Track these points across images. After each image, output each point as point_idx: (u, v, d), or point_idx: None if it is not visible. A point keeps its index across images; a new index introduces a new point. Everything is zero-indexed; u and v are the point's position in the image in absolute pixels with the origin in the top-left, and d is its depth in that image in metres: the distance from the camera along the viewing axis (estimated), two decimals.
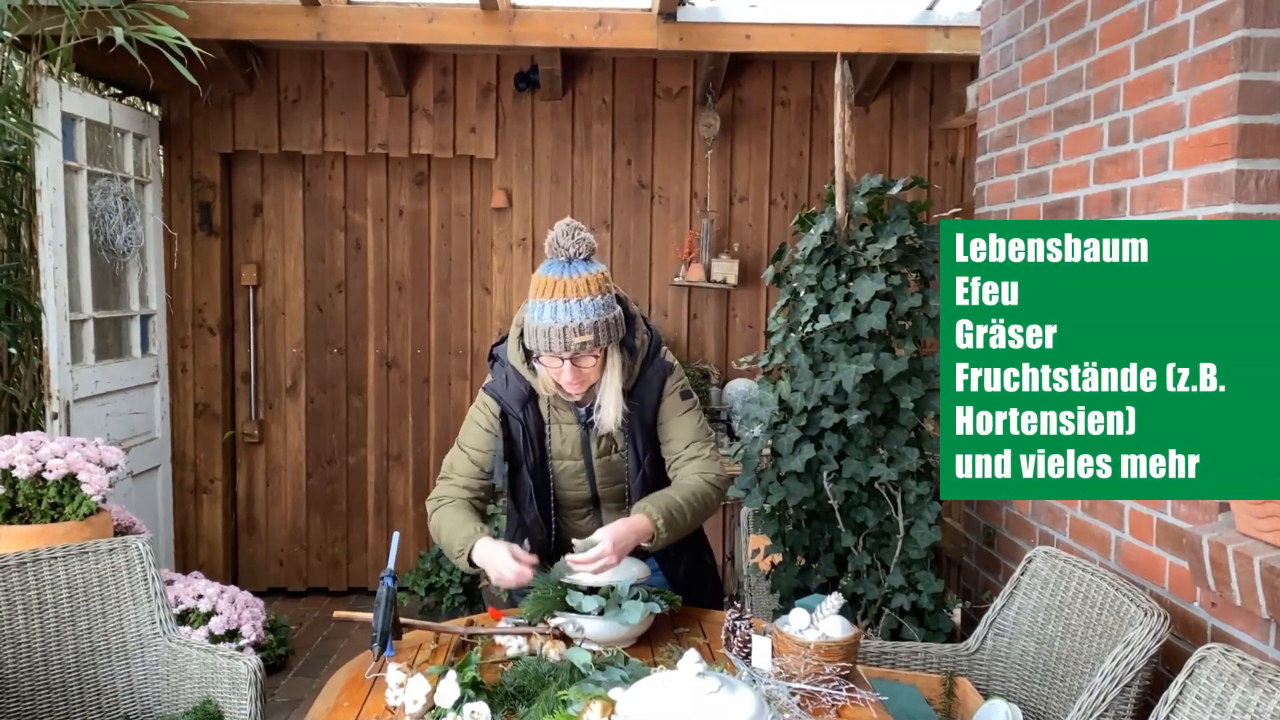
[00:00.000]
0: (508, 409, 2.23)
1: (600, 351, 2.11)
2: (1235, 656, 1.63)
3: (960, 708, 2.26)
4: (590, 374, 2.14)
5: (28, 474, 2.91)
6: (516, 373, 2.22)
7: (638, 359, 2.21)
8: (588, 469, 2.28)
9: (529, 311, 2.09)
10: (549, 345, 2.05)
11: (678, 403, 2.28)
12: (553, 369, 2.12)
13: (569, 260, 2.07)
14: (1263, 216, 1.91)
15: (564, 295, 2.04)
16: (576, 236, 2.08)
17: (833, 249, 2.89)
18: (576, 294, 2.04)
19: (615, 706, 1.58)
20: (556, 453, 2.27)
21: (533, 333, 2.08)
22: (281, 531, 5.07)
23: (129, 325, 4.42)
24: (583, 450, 2.26)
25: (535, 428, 2.24)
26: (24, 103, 3.67)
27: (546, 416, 2.25)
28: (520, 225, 4.89)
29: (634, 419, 2.22)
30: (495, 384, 2.26)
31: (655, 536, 2.12)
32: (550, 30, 4.19)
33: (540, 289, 2.07)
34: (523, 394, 2.22)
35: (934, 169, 4.91)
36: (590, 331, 2.04)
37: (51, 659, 2.34)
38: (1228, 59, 1.93)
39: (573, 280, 2.05)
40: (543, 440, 2.25)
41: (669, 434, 2.28)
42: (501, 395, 2.24)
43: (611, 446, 2.27)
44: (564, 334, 2.03)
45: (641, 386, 2.23)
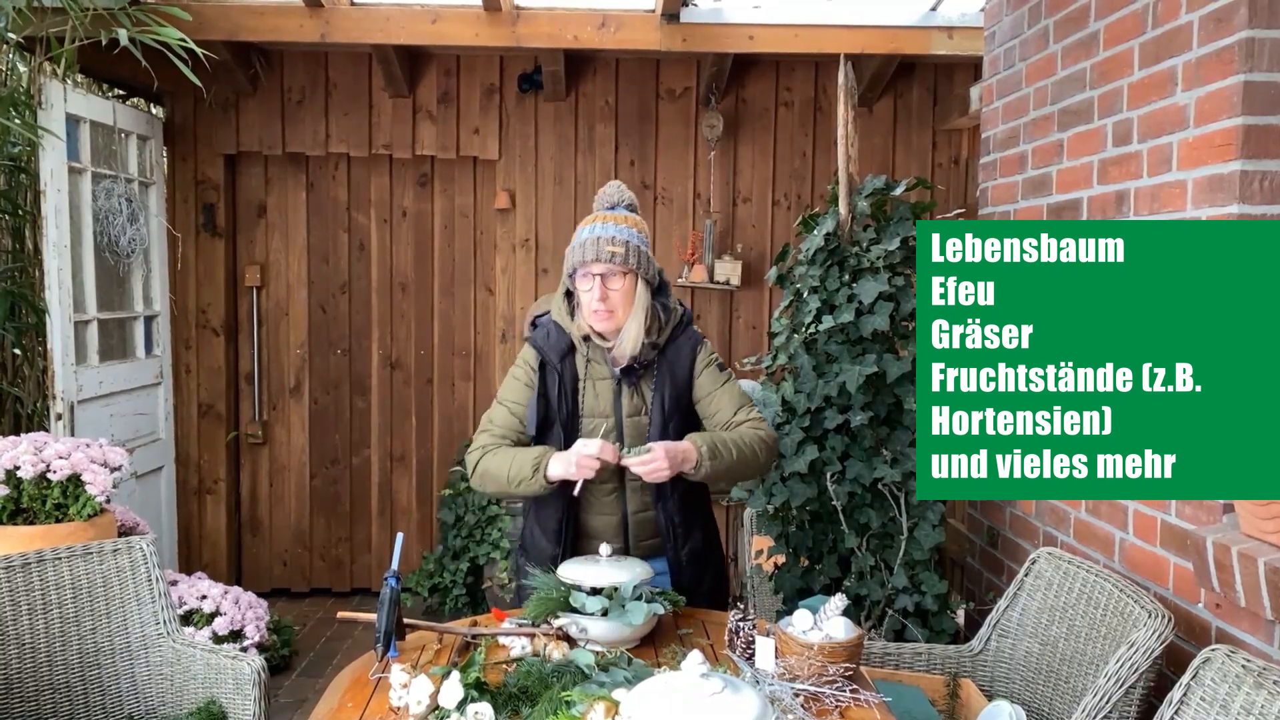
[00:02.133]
0: (547, 359, 2.36)
1: (629, 274, 2.27)
2: (1240, 658, 1.63)
3: (964, 709, 2.26)
4: (618, 300, 2.28)
5: (32, 474, 2.92)
6: (558, 327, 2.37)
7: (670, 319, 2.36)
8: (618, 428, 2.35)
9: (573, 239, 2.32)
10: (583, 255, 2.25)
11: (716, 375, 2.40)
12: (585, 290, 2.28)
13: (612, 206, 2.36)
14: (1266, 217, 1.91)
15: (604, 220, 2.31)
16: (622, 190, 2.39)
17: (836, 250, 2.89)
18: (615, 220, 2.30)
19: (619, 707, 1.58)
20: (589, 409, 2.36)
21: (572, 249, 2.30)
22: (285, 532, 5.08)
23: (133, 326, 4.43)
24: (614, 407, 2.35)
25: (570, 381, 2.36)
26: (28, 104, 3.67)
27: (582, 371, 2.37)
28: (523, 226, 4.90)
29: (663, 378, 2.34)
30: (537, 335, 2.41)
31: (699, 464, 2.23)
32: (553, 31, 4.20)
33: (584, 221, 2.34)
34: (562, 347, 2.36)
35: (937, 170, 4.91)
36: (623, 245, 2.25)
37: (56, 659, 2.34)
38: (1232, 60, 1.93)
39: (614, 215, 2.33)
40: (576, 394, 2.36)
41: (714, 407, 2.38)
42: (542, 345, 2.38)
43: (642, 406, 2.36)
44: (598, 243, 2.25)
45: (672, 348, 2.37)
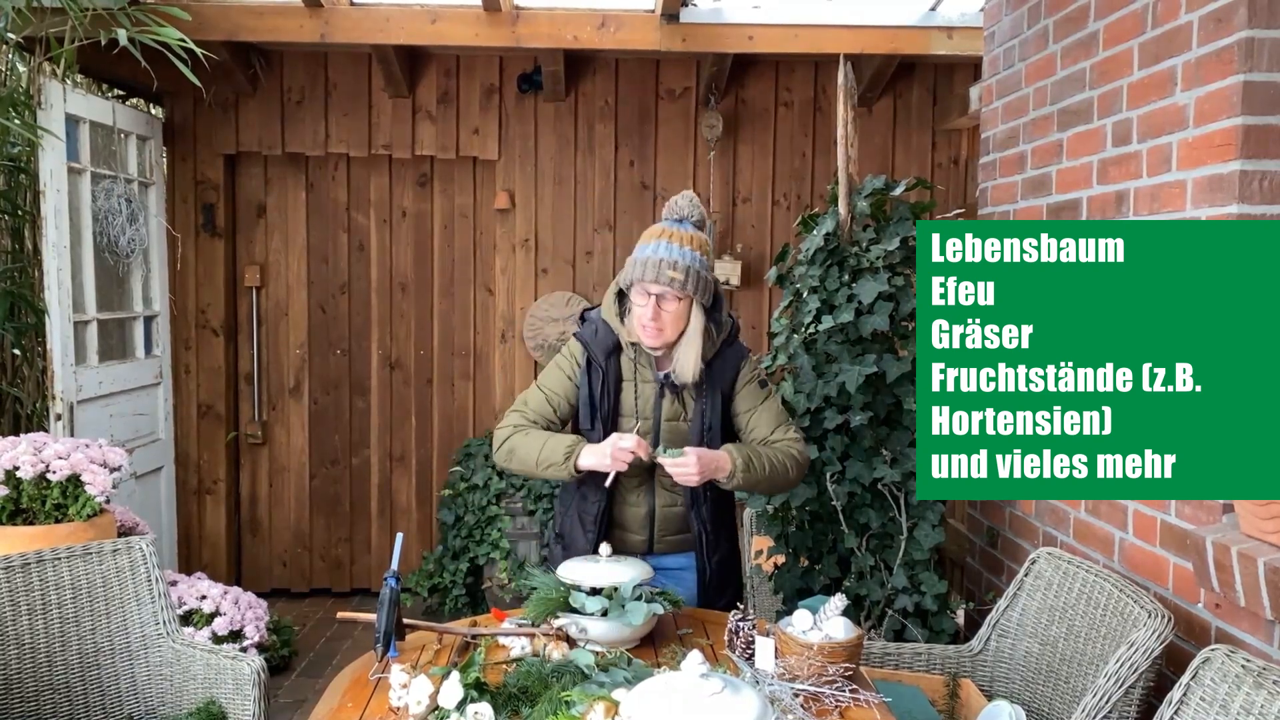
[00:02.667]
0: (593, 356, 2.38)
1: (685, 299, 2.27)
2: (1239, 658, 1.63)
3: (964, 709, 2.26)
4: (669, 323, 2.28)
5: (31, 475, 2.91)
6: (607, 326, 2.38)
7: (720, 334, 2.37)
8: (655, 430, 2.37)
9: (636, 250, 2.30)
10: (643, 274, 2.24)
11: (756, 391, 2.41)
12: (639, 305, 2.28)
13: (681, 219, 2.33)
14: (1266, 217, 1.91)
15: (669, 239, 2.27)
16: (694, 204, 2.34)
17: (836, 250, 2.89)
18: (680, 242, 2.27)
19: (618, 707, 1.58)
20: (629, 409, 2.38)
21: (633, 264, 2.28)
22: (285, 532, 5.08)
23: (132, 326, 4.43)
24: (654, 409, 2.37)
25: (614, 380, 2.37)
26: (28, 104, 3.67)
27: (628, 373, 2.38)
28: (523, 226, 4.89)
29: (708, 390, 2.35)
30: (585, 331, 2.42)
31: (733, 474, 2.26)
32: (553, 31, 4.20)
33: (650, 234, 2.32)
34: (609, 345, 2.38)
35: (937, 170, 4.91)
36: (683, 272, 2.23)
37: (55, 660, 2.34)
38: (1231, 60, 1.93)
39: (680, 231, 2.29)
40: (619, 394, 2.38)
41: (753, 423, 2.39)
42: (590, 341, 2.39)
43: (681, 412, 2.37)
44: (660, 266, 2.23)
45: (719, 362, 2.38)
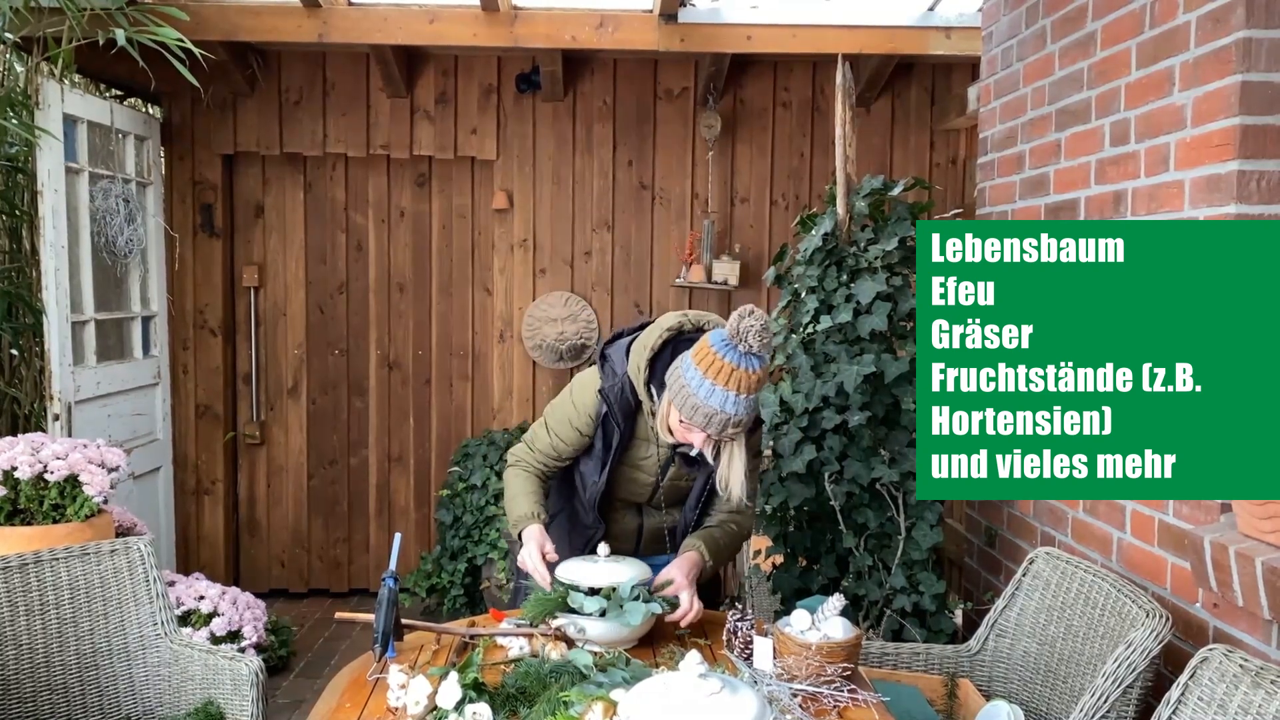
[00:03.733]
0: (612, 416, 2.28)
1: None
2: (1237, 658, 1.63)
3: (962, 709, 2.26)
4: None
5: (29, 475, 2.91)
6: (632, 387, 2.24)
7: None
8: (656, 485, 2.37)
9: (691, 380, 2.03)
10: (705, 425, 2.04)
11: (752, 460, 2.30)
12: (691, 432, 2.10)
13: (747, 352, 2.01)
14: (1264, 217, 1.91)
15: (737, 389, 2.01)
16: (765, 338, 2.01)
17: (834, 250, 2.89)
18: (747, 390, 2.02)
19: (617, 708, 1.58)
20: (635, 464, 2.34)
21: (692, 408, 2.04)
22: (283, 533, 5.07)
23: (130, 326, 4.42)
24: (660, 470, 2.35)
25: (626, 438, 2.30)
26: (25, 104, 3.67)
27: (642, 433, 2.31)
28: (521, 226, 4.89)
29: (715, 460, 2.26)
30: (609, 390, 2.27)
31: (703, 570, 2.27)
32: (551, 31, 4.20)
33: (714, 368, 2.02)
34: (630, 408, 2.27)
35: (935, 170, 4.91)
36: (740, 425, 2.06)
37: (53, 660, 2.34)
38: (1229, 60, 1.93)
39: (748, 375, 2.01)
40: (628, 449, 2.33)
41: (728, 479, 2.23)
42: (613, 402, 2.26)
43: (684, 475, 2.35)
44: (724, 425, 2.03)
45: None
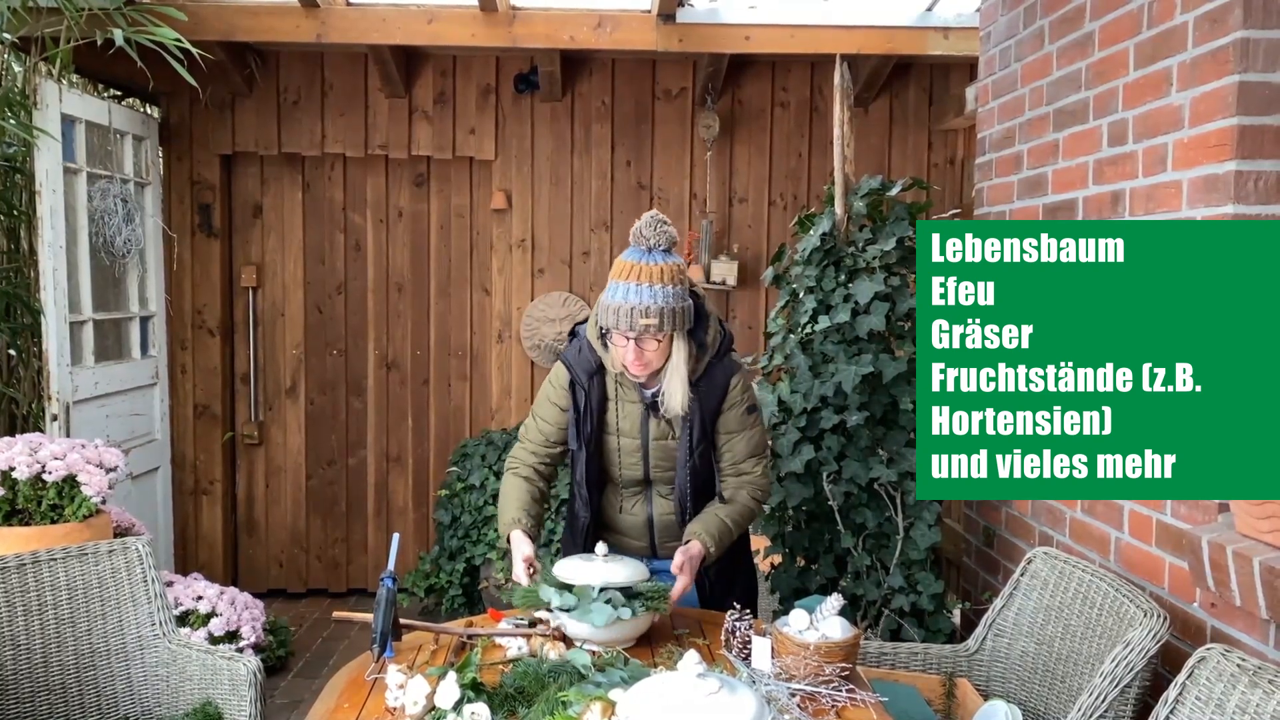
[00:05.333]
0: (576, 377, 2.35)
1: (665, 337, 2.22)
2: (1235, 657, 1.63)
3: (960, 708, 2.26)
4: (653, 358, 2.24)
5: (27, 475, 2.91)
6: (590, 346, 2.34)
7: (706, 353, 2.31)
8: (643, 449, 2.36)
9: (606, 290, 2.23)
10: (617, 323, 2.18)
11: (743, 417, 2.36)
12: (620, 346, 2.23)
13: (649, 249, 2.20)
14: (1261, 217, 1.91)
15: (638, 279, 2.17)
16: (659, 229, 2.21)
17: (832, 250, 2.89)
18: (650, 279, 2.17)
19: (615, 707, 1.58)
20: (616, 428, 2.37)
21: (605, 309, 2.21)
22: (281, 533, 5.07)
23: (129, 327, 4.42)
24: (641, 429, 2.36)
25: (598, 400, 2.35)
26: (24, 104, 3.67)
27: (611, 392, 2.35)
28: (520, 227, 4.89)
29: (694, 409, 2.31)
30: (569, 353, 2.39)
31: (708, 558, 2.29)
32: (550, 32, 4.20)
33: (619, 271, 2.21)
34: (591, 366, 2.34)
35: (933, 170, 4.91)
36: (656, 316, 2.16)
37: (51, 660, 2.33)
38: (1227, 60, 1.94)
39: (649, 266, 2.18)
40: (603, 414, 2.36)
41: (729, 446, 2.37)
42: (573, 363, 2.36)
43: (669, 431, 2.35)
44: (631, 314, 2.15)
45: (706, 381, 2.32)
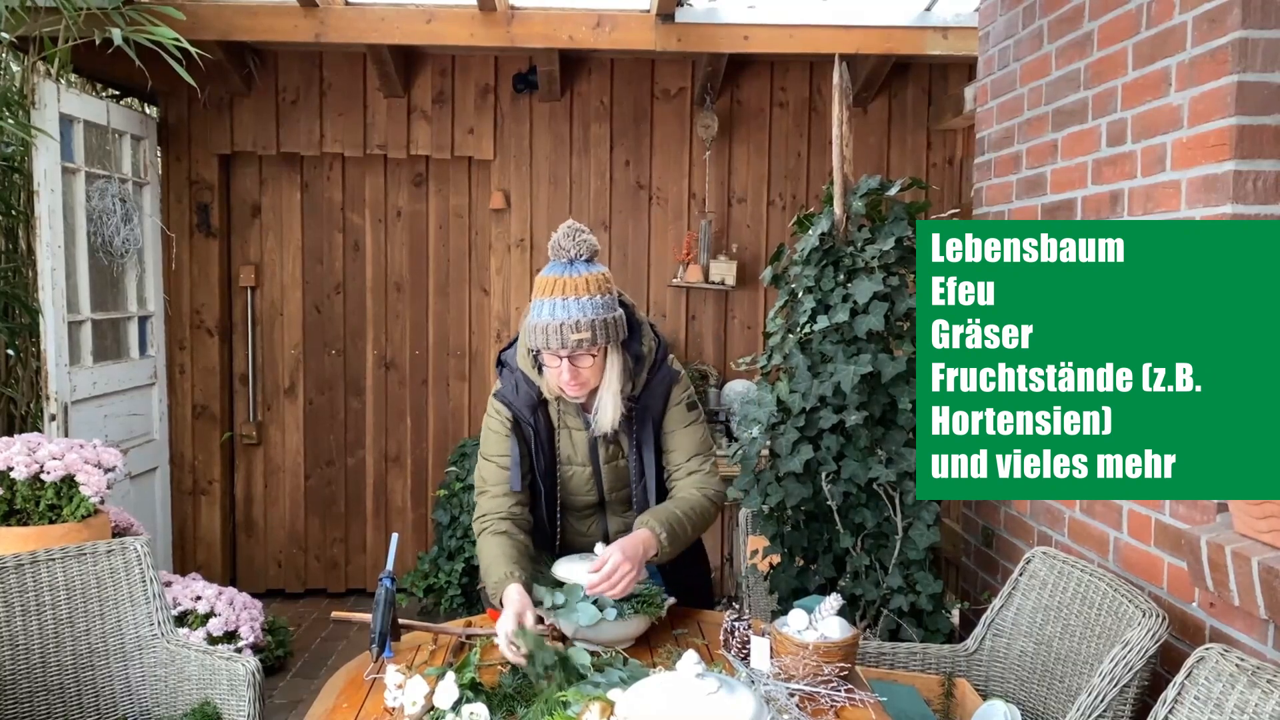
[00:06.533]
0: (518, 414, 2.22)
1: (598, 351, 2.11)
2: (1234, 657, 1.63)
3: (959, 708, 2.26)
4: (588, 375, 2.13)
5: (26, 475, 2.91)
6: (526, 378, 2.22)
7: (643, 365, 2.21)
8: (595, 475, 2.28)
9: (531, 311, 2.11)
10: (547, 342, 2.06)
11: (683, 414, 2.27)
12: (553, 367, 2.12)
13: (570, 261, 2.09)
14: (1260, 217, 1.91)
15: (563, 293, 2.05)
16: (578, 239, 2.09)
17: (831, 250, 2.89)
18: (575, 292, 2.05)
19: (614, 707, 1.58)
20: (566, 457, 2.27)
21: (533, 331, 2.09)
22: (280, 533, 5.07)
23: (127, 326, 4.42)
24: (590, 456, 2.26)
25: (545, 433, 2.24)
26: (22, 104, 3.67)
27: (556, 422, 2.25)
28: (519, 226, 4.89)
29: (640, 425, 2.22)
30: (505, 390, 2.25)
31: (660, 551, 2.11)
32: (548, 31, 4.20)
33: (541, 288, 2.09)
34: (532, 399, 2.22)
35: (932, 170, 4.91)
36: (588, 329, 2.05)
37: (49, 661, 2.33)
38: (1225, 60, 1.94)
39: (572, 279, 2.07)
40: (553, 445, 2.25)
41: (671, 444, 2.28)
42: (512, 401, 2.23)
43: (619, 452, 2.26)
44: (561, 330, 2.04)
45: (647, 394, 2.22)
